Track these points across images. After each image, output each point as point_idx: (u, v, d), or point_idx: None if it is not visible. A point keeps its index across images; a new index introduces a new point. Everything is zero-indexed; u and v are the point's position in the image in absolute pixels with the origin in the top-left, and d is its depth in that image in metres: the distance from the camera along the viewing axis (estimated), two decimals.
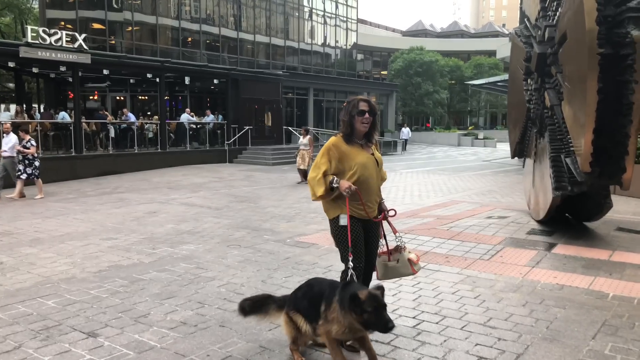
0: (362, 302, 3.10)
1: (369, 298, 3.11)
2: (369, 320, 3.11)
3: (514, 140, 9.47)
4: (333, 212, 3.85)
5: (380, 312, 3.10)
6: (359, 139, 3.86)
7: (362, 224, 3.84)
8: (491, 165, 23.32)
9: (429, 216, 9.11)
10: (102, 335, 4.11)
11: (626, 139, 5.85)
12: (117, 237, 7.86)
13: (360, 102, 3.82)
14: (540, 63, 7.51)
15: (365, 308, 3.09)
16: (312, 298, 3.51)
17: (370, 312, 3.09)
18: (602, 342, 3.95)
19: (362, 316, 3.11)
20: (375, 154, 3.94)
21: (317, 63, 39.00)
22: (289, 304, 3.66)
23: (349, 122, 3.82)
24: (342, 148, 3.79)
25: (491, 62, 49.48)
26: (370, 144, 3.92)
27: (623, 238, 7.17)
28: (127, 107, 24.05)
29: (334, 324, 3.26)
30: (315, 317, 3.40)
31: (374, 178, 3.86)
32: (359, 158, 3.78)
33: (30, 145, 12.39)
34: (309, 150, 15.70)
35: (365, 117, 3.79)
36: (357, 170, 3.75)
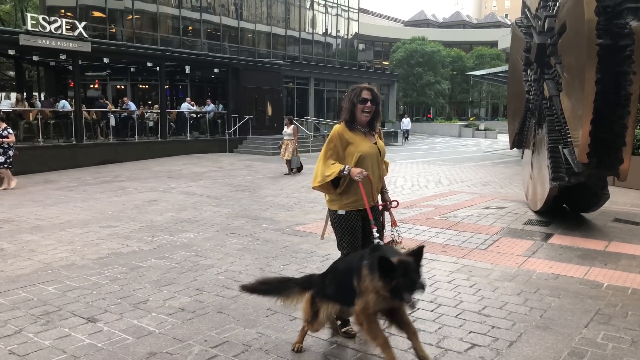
0: (393, 268, 2.91)
1: (400, 263, 2.91)
2: (398, 285, 2.90)
3: (513, 131, 9.48)
4: (333, 205, 3.88)
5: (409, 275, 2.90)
6: (362, 127, 3.85)
7: (361, 214, 3.86)
8: (491, 156, 23.32)
9: (428, 206, 9.15)
10: (101, 320, 4.17)
11: (624, 130, 5.87)
12: (117, 225, 7.91)
13: (363, 90, 3.80)
14: (540, 54, 7.50)
15: (395, 274, 2.90)
16: (342, 277, 3.33)
17: (399, 277, 2.89)
18: (595, 330, 4.00)
19: (391, 283, 2.90)
20: (379, 143, 3.94)
21: (318, 53, 38.87)
22: (317, 290, 3.50)
23: (350, 109, 3.82)
24: (346, 136, 3.80)
25: (493, 53, 49.31)
26: (373, 132, 3.92)
27: (619, 229, 7.21)
28: (127, 96, 24.01)
29: (369, 293, 3.04)
30: (352, 298, 3.18)
31: (375, 167, 3.86)
32: (362, 146, 3.79)
33: (7, 133, 12.20)
34: (293, 140, 15.29)
35: (367, 105, 3.77)
36: (359, 158, 3.76)
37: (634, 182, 11.19)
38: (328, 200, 3.94)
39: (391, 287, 2.92)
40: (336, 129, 3.85)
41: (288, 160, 15.25)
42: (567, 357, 3.55)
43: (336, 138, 3.80)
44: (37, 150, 16.62)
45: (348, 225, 3.82)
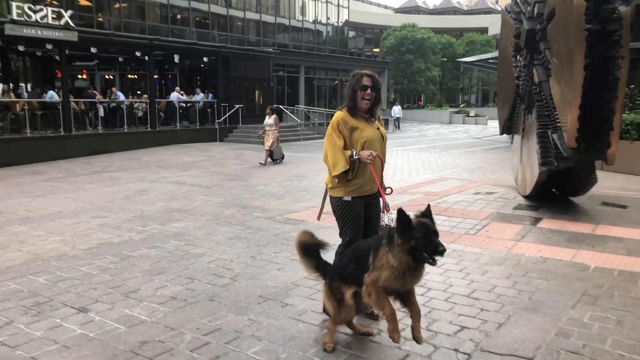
0: (412, 227, 2.97)
1: (419, 224, 2.98)
2: (417, 246, 2.95)
3: (503, 117, 9.53)
4: (337, 192, 3.86)
5: (429, 237, 2.96)
6: (364, 113, 3.85)
7: (364, 200, 3.86)
8: (482, 142, 23.41)
9: (418, 192, 9.20)
10: (92, 310, 4.18)
11: (611, 115, 5.92)
12: (107, 215, 7.88)
13: (363, 76, 3.78)
14: (529, 39, 7.52)
15: (415, 234, 2.95)
16: (360, 257, 3.32)
17: (419, 237, 2.95)
18: (582, 311, 4.06)
19: (410, 242, 2.95)
20: (381, 129, 3.94)
21: (308, 40, 38.65)
22: (331, 275, 3.49)
23: (352, 95, 3.80)
24: (350, 122, 3.79)
25: (483, 39, 49.25)
26: (373, 119, 3.92)
27: (607, 212, 7.29)
28: (116, 86, 23.81)
29: (383, 270, 3.09)
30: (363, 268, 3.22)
31: (380, 152, 3.86)
32: (366, 132, 3.79)
33: None
34: (274, 130, 15.07)
35: (367, 92, 3.76)
36: (365, 144, 3.76)
37: (622, 166, 11.29)
38: (331, 187, 3.91)
39: (411, 247, 2.96)
40: (339, 116, 3.82)
41: (268, 150, 14.94)
42: (554, 338, 3.60)
43: (341, 124, 3.78)
44: (25, 141, 16.47)
45: (353, 212, 3.82)
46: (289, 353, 3.42)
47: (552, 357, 3.35)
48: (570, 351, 3.41)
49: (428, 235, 2.97)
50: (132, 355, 3.40)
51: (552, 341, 3.56)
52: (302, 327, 3.82)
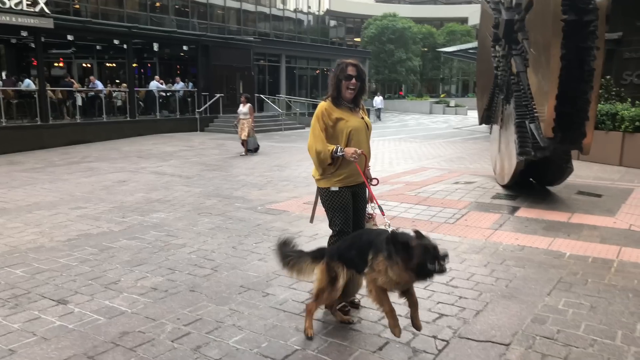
0: (412, 248, 3.02)
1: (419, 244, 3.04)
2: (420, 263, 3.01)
3: (482, 107, 9.62)
4: (324, 183, 3.84)
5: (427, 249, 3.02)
6: (348, 103, 3.83)
7: (351, 190, 3.87)
8: (461, 132, 23.62)
9: (398, 182, 9.26)
10: (72, 302, 4.15)
11: (587, 105, 6.03)
12: (86, 206, 7.80)
13: (348, 66, 3.75)
14: (508, 30, 7.59)
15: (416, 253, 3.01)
16: (362, 247, 3.38)
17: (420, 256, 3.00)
18: (557, 297, 4.16)
19: (412, 261, 3.02)
20: (365, 118, 3.94)
21: (289, 29, 38.39)
22: (331, 254, 3.54)
23: (336, 85, 3.78)
24: (334, 113, 3.76)
25: (463, 29, 49.41)
26: (358, 108, 3.90)
27: (582, 201, 7.44)
28: (94, 75, 23.40)
29: (382, 275, 3.18)
30: (363, 267, 3.32)
31: (365, 142, 3.87)
32: (351, 122, 3.77)
33: None
34: (249, 119, 14.70)
35: (352, 82, 3.74)
36: (350, 134, 3.76)
37: (597, 156, 11.51)
38: (318, 179, 3.89)
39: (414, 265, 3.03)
40: (323, 106, 3.78)
41: (244, 140, 14.77)
42: (530, 324, 3.69)
43: (325, 115, 3.75)
44: (0, 131, 16.14)
45: (340, 202, 3.82)
46: (270, 342, 3.45)
47: (527, 342, 3.43)
48: (545, 337, 3.50)
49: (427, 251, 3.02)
50: (112, 346, 3.39)
51: (528, 327, 3.64)
52: (283, 317, 3.85)
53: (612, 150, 11.61)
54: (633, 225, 6.16)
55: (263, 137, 20.43)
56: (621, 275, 4.64)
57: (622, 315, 3.83)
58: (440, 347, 3.39)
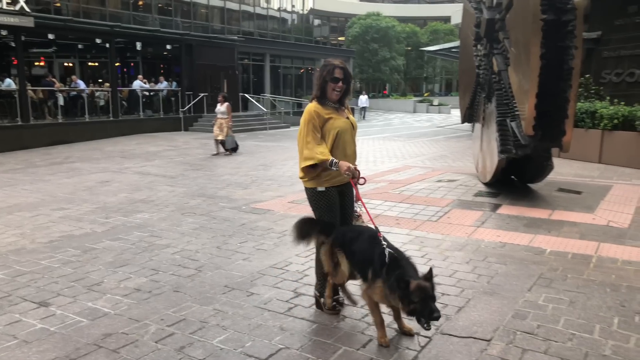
0: (411, 292, 3.08)
1: (417, 289, 3.09)
2: (415, 310, 3.10)
3: (464, 106, 9.71)
4: (310, 183, 3.83)
5: (427, 302, 3.08)
6: (333, 103, 3.84)
7: (338, 189, 3.89)
8: (444, 131, 23.79)
9: (382, 181, 9.32)
10: (54, 304, 4.12)
11: (566, 103, 6.13)
12: (68, 207, 7.72)
13: (336, 68, 3.75)
14: (489, 29, 7.68)
15: (413, 299, 3.08)
16: (361, 253, 3.50)
17: (417, 302, 3.07)
18: (537, 293, 4.23)
19: (409, 306, 3.10)
20: (350, 118, 3.95)
21: (273, 28, 38.31)
22: (335, 240, 3.66)
23: (321, 85, 3.79)
24: (322, 113, 3.76)
25: (447, 28, 49.77)
26: (343, 107, 3.92)
27: (563, 198, 7.56)
28: (76, 74, 23.13)
29: (377, 294, 3.31)
30: (362, 273, 3.49)
31: (350, 142, 3.88)
32: (338, 122, 3.79)
33: None
34: (227, 119, 14.35)
35: (338, 84, 3.76)
36: (337, 134, 3.77)
37: (578, 153, 11.68)
38: (305, 179, 3.88)
39: (409, 310, 3.14)
40: (311, 108, 3.78)
41: (221, 140, 14.42)
42: (510, 319, 3.75)
43: (314, 117, 3.74)
44: None
45: (327, 202, 3.83)
46: (254, 341, 3.46)
47: (508, 338, 3.48)
48: (526, 332, 3.56)
49: (425, 300, 3.09)
50: (95, 348, 3.38)
51: (509, 323, 3.70)
52: (268, 316, 3.86)
53: (592, 148, 11.79)
54: (611, 222, 6.28)
55: (248, 137, 20.41)
56: (599, 271, 4.73)
57: (600, 309, 3.91)
58: (422, 343, 3.43)
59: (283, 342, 3.45)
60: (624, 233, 5.88)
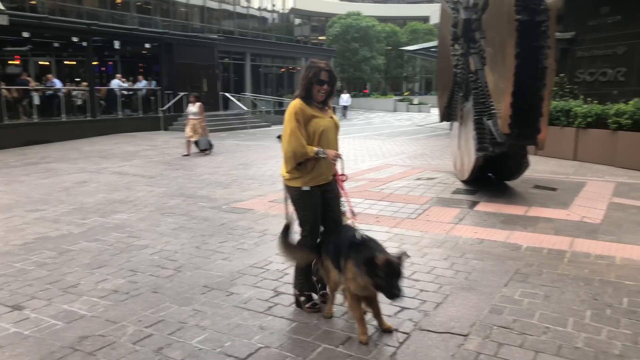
0: (377, 266, 3.20)
1: (384, 264, 3.20)
2: (380, 285, 3.23)
3: (443, 105, 9.81)
4: (295, 182, 3.84)
5: (391, 278, 3.20)
6: (318, 103, 3.88)
7: (322, 188, 3.90)
8: (424, 129, 23.98)
9: (363, 179, 9.36)
10: (28, 307, 4.05)
11: (541, 102, 6.23)
12: (44, 209, 7.61)
13: (322, 71, 3.78)
14: (466, 29, 7.76)
15: (379, 273, 3.19)
16: (337, 246, 3.63)
17: (382, 277, 3.19)
18: (513, 288, 4.30)
19: (374, 280, 3.22)
20: (334, 117, 3.99)
21: (254, 27, 38.15)
22: (324, 248, 3.81)
23: (307, 86, 3.80)
24: (307, 111, 3.79)
25: (426, 28, 50.18)
26: (327, 108, 3.96)
27: (539, 195, 7.69)
28: (52, 73, 22.75)
29: (351, 282, 3.40)
30: (337, 265, 3.59)
31: (334, 141, 3.92)
32: (322, 122, 3.82)
33: None
34: (199, 119, 14.02)
35: (323, 87, 3.79)
36: (321, 133, 3.79)
37: (553, 151, 11.88)
38: (288, 179, 3.89)
39: (375, 284, 3.26)
40: (296, 105, 3.78)
41: (194, 141, 14.11)
42: (487, 314, 3.81)
43: (299, 113, 3.76)
44: None
45: (312, 201, 3.84)
46: (234, 341, 3.46)
47: (485, 332, 3.54)
48: (502, 326, 3.62)
49: (390, 276, 3.22)
50: (71, 351, 3.34)
51: (486, 318, 3.76)
52: (247, 315, 3.86)
53: (567, 145, 12.00)
54: (585, 217, 6.41)
55: (228, 136, 20.33)
56: (573, 265, 4.83)
57: (574, 303, 3.99)
58: (401, 339, 3.47)
59: (262, 341, 3.45)
60: (596, 228, 6.01)
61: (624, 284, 4.37)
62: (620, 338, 3.43)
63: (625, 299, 4.06)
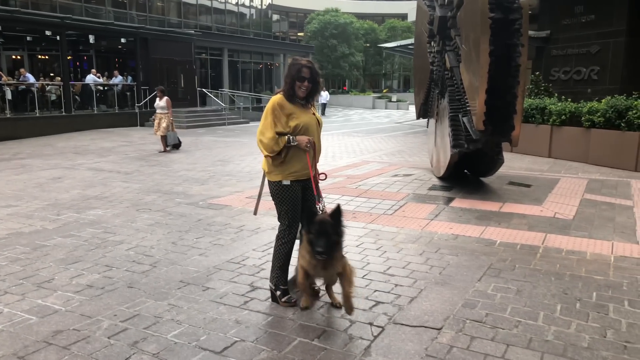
0: (312, 223, 3.48)
1: (317, 222, 3.47)
2: (310, 240, 3.48)
3: (419, 102, 9.91)
4: (275, 176, 3.87)
5: (319, 236, 3.42)
6: (301, 100, 3.89)
7: (301, 184, 3.93)
8: (402, 127, 24.16)
9: (340, 176, 9.41)
10: (1, 302, 4.00)
11: (514, 99, 6.35)
12: (17, 205, 7.47)
13: (303, 68, 3.80)
14: (442, 26, 7.86)
15: (311, 229, 3.48)
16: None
17: (313, 233, 3.45)
18: (486, 283, 4.38)
19: (308, 235, 3.50)
20: (316, 114, 4.00)
21: (231, 23, 37.89)
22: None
23: (290, 84, 3.82)
24: (286, 107, 3.81)
25: (404, 25, 50.52)
26: (309, 105, 3.96)
27: (513, 191, 7.83)
28: (24, 67, 22.29)
29: (301, 252, 3.68)
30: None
31: (316, 138, 3.92)
32: (303, 118, 3.83)
33: None
34: (167, 114, 13.77)
35: (304, 83, 3.80)
36: (302, 129, 3.81)
37: (529, 148, 12.11)
38: (269, 172, 3.92)
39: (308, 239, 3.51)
40: (275, 100, 3.82)
41: (163, 136, 13.88)
42: (460, 309, 3.87)
43: (276, 109, 3.79)
44: None
45: (291, 196, 3.87)
46: (209, 335, 3.46)
47: (458, 326, 3.60)
48: (475, 320, 3.69)
49: (319, 234, 3.44)
50: (45, 345, 3.31)
51: (459, 312, 3.83)
52: (223, 310, 3.87)
53: (542, 143, 12.23)
54: (557, 213, 6.55)
55: (206, 132, 20.20)
56: (545, 260, 4.94)
57: (545, 297, 4.09)
58: (375, 333, 3.51)
59: (238, 335, 3.46)
60: (568, 224, 6.15)
61: (594, 278, 4.48)
62: (589, 331, 3.52)
63: (594, 293, 4.17)
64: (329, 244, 3.40)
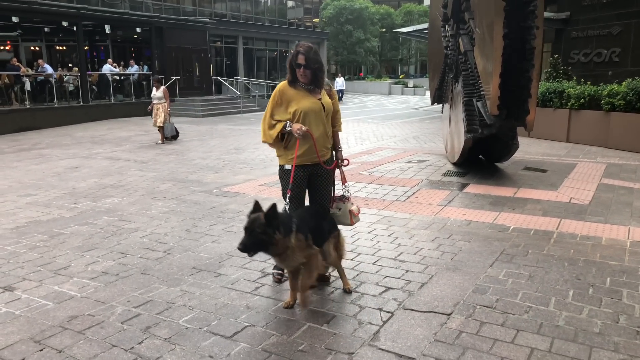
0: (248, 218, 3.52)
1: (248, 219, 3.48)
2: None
3: (434, 87, 9.81)
4: (281, 160, 4.00)
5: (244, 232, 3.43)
6: (307, 85, 3.89)
7: (310, 169, 3.95)
8: (418, 112, 23.97)
9: (354, 162, 9.38)
10: (19, 288, 4.10)
11: (529, 83, 6.24)
12: (36, 194, 7.62)
13: (298, 55, 3.81)
14: (456, 9, 7.75)
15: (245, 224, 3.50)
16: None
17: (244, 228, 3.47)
18: (498, 268, 4.36)
19: None
20: (324, 99, 3.96)
21: (246, 10, 37.77)
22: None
23: (291, 69, 3.88)
24: (288, 93, 3.86)
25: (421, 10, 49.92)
26: (318, 90, 3.95)
27: (528, 176, 7.74)
28: (43, 58, 22.56)
29: None
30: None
31: (314, 124, 3.89)
32: (303, 103, 3.84)
33: None
34: (164, 104, 13.55)
35: (300, 70, 3.82)
36: (299, 115, 3.83)
37: (546, 132, 11.93)
38: (277, 156, 4.06)
39: None
40: (278, 87, 3.95)
41: (161, 127, 13.69)
42: (471, 294, 3.86)
43: (277, 95, 3.90)
44: None
45: (292, 181, 3.89)
46: (220, 320, 3.51)
47: (468, 311, 3.59)
48: (485, 305, 3.68)
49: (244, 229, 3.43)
50: (61, 330, 3.39)
51: (469, 297, 3.82)
52: (235, 295, 3.91)
53: (560, 127, 12.04)
54: (573, 198, 6.47)
55: (221, 120, 20.29)
56: (559, 246, 4.89)
57: (557, 283, 4.05)
58: (385, 318, 3.52)
59: (249, 320, 3.50)
60: (584, 209, 6.06)
61: (608, 264, 4.42)
62: (601, 317, 3.49)
63: (608, 278, 4.12)
64: (250, 241, 3.34)
